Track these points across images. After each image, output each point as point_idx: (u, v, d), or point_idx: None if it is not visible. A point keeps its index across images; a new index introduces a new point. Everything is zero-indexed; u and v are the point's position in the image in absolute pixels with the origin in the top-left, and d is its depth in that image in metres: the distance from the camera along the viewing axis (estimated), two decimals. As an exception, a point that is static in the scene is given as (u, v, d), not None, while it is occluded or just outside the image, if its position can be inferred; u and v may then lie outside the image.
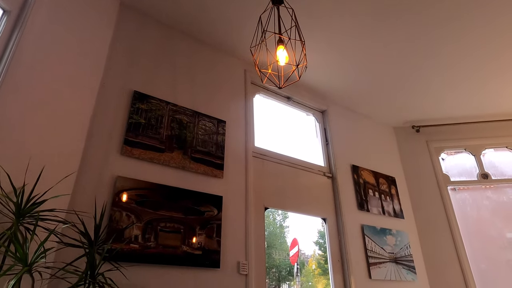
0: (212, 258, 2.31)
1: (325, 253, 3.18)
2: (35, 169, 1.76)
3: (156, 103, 2.56)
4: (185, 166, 2.48)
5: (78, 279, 1.51)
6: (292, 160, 3.25)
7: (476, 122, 4.21)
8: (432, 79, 3.53)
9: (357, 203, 3.43)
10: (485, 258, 3.71)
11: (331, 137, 3.63)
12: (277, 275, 3.44)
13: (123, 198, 2.12)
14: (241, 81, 3.20)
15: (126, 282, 1.94)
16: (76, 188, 1.96)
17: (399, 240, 3.53)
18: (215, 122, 2.81)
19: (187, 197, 2.39)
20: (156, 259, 2.09)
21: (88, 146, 2.11)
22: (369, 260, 3.18)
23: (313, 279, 3.46)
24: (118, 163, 2.20)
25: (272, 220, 3.44)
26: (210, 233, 2.38)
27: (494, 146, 4.20)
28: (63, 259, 1.75)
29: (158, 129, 2.49)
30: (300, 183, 3.19)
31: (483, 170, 4.08)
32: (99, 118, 2.24)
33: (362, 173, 3.65)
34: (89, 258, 1.52)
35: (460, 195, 4.04)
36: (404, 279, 3.33)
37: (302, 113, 3.76)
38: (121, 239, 2.01)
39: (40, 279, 1.54)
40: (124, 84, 2.46)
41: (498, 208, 3.92)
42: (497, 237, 3.79)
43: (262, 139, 3.18)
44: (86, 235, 1.60)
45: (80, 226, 1.83)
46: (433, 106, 3.99)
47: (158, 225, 2.20)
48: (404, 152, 4.25)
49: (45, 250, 1.39)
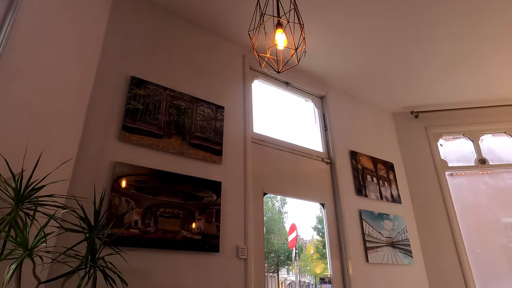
0: (211, 243, 2.34)
1: (323, 238, 3.21)
2: (33, 154, 1.76)
3: (154, 88, 2.54)
4: (184, 152, 2.48)
5: (79, 263, 1.52)
6: (291, 146, 3.25)
7: (475, 108, 4.20)
8: (432, 64, 3.50)
9: (355, 188, 3.45)
10: (480, 242, 3.77)
11: (330, 123, 3.62)
12: (275, 260, 3.49)
13: (122, 183, 2.12)
14: (240, 67, 3.17)
15: (126, 266, 1.96)
16: (75, 174, 1.96)
17: (396, 224, 3.57)
18: (214, 108, 2.80)
19: (186, 182, 2.39)
20: (156, 244, 2.11)
21: (86, 132, 2.10)
22: (367, 244, 3.22)
23: (311, 264, 3.51)
24: (116, 149, 2.20)
25: (271, 206, 3.47)
26: (209, 218, 2.40)
27: (492, 131, 4.21)
28: (63, 244, 1.76)
29: (156, 115, 2.47)
30: (298, 169, 3.20)
31: (481, 156, 4.10)
32: (96, 103, 2.22)
33: (360, 159, 3.66)
34: (90, 242, 1.54)
35: (458, 180, 4.06)
36: (400, 262, 3.38)
37: (301, 99, 3.74)
38: (121, 224, 2.02)
39: (41, 263, 1.55)
40: (121, 69, 2.44)
41: (494, 193, 3.95)
42: (492, 221, 3.83)
43: (261, 125, 3.17)
44: (85, 220, 1.61)
45: (79, 212, 1.84)
46: (432, 92, 3.98)
47: (157, 211, 2.21)
48: (403, 138, 4.26)
49: (45, 234, 1.39)
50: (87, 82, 2.13)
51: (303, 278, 3.47)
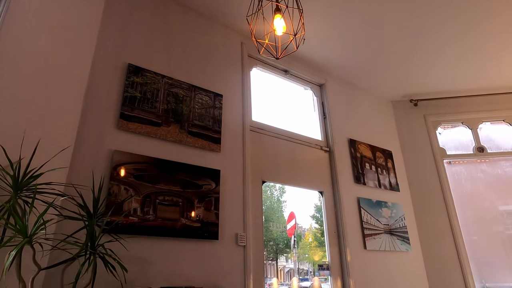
0: (210, 230, 2.35)
1: (321, 226, 3.23)
2: (31, 143, 1.75)
3: (151, 76, 2.51)
4: (182, 140, 2.47)
5: (79, 250, 1.53)
6: (290, 134, 3.25)
7: (474, 96, 4.19)
8: (431, 52, 3.47)
9: (353, 176, 3.46)
10: (477, 230, 3.80)
11: (329, 111, 3.61)
12: (274, 248, 3.52)
13: (120, 172, 2.12)
14: (238, 54, 3.13)
15: (126, 254, 1.98)
16: (73, 162, 1.96)
17: (394, 212, 3.59)
18: (212, 96, 2.78)
19: (185, 171, 2.39)
20: (156, 232, 2.13)
21: (83, 120, 2.09)
22: (365, 231, 3.25)
23: (309, 252, 3.54)
24: (114, 137, 2.19)
25: (270, 195, 3.48)
26: (208, 206, 2.41)
27: (491, 119, 4.20)
28: (63, 231, 1.77)
29: (154, 103, 2.45)
30: (297, 157, 3.20)
31: (479, 144, 4.10)
32: (93, 91, 2.20)
33: (359, 147, 3.66)
34: (89, 230, 1.54)
35: (456, 168, 4.08)
36: (398, 249, 3.42)
37: (300, 87, 3.72)
38: (120, 212, 2.03)
39: (41, 250, 1.56)
40: (118, 56, 2.41)
41: (492, 181, 3.97)
42: (489, 209, 3.86)
43: (259, 113, 3.16)
44: (84, 208, 1.61)
45: (78, 199, 1.84)
46: (432, 80, 3.96)
47: (156, 199, 2.21)
48: (402, 126, 4.26)
49: (44, 222, 1.40)
50: (83, 70, 2.11)
51: (301, 266, 3.50)
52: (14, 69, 1.81)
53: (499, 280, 3.67)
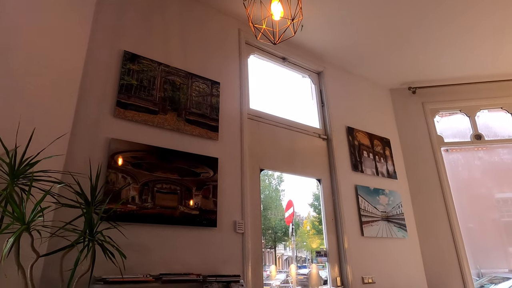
0: (209, 218, 2.36)
1: (319, 214, 3.25)
2: (26, 131, 1.73)
3: (148, 63, 2.48)
4: (180, 128, 2.46)
5: (78, 237, 1.53)
6: (288, 122, 3.24)
7: (473, 83, 4.18)
8: (430, 40, 3.44)
9: (351, 164, 3.47)
10: (473, 217, 3.84)
11: (327, 99, 3.60)
12: (273, 236, 3.54)
13: (118, 160, 2.11)
14: (235, 41, 3.10)
15: (125, 241, 1.98)
16: (70, 150, 1.95)
17: (392, 199, 3.62)
18: (209, 83, 2.76)
19: (182, 159, 2.39)
20: (154, 219, 2.13)
21: (79, 108, 2.07)
22: (362, 218, 3.28)
23: (307, 240, 3.57)
24: (111, 125, 2.17)
25: (268, 184, 3.49)
26: (206, 194, 2.41)
27: (489, 107, 4.20)
28: (61, 219, 1.77)
29: (151, 91, 2.43)
30: (295, 145, 3.20)
31: (477, 131, 4.11)
32: (89, 79, 2.18)
33: (357, 135, 3.66)
34: (87, 217, 1.54)
35: (453, 156, 4.09)
36: (395, 236, 3.45)
37: (298, 74, 3.69)
38: (118, 200, 2.03)
39: (39, 238, 1.56)
40: (114, 44, 2.37)
41: (489, 168, 3.99)
42: (485, 197, 3.89)
43: (257, 101, 3.14)
44: (82, 195, 1.61)
45: (75, 187, 1.83)
46: (430, 67, 3.94)
47: (154, 187, 2.21)
48: (400, 114, 4.25)
49: (42, 209, 1.39)
50: (78, 57, 2.08)
51: (299, 254, 3.54)
52: (8, 57, 1.78)
53: (494, 266, 3.72)
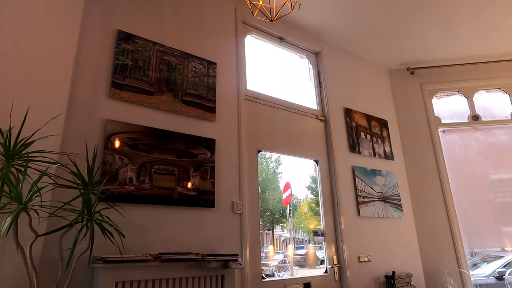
0: (206, 199, 2.37)
1: (316, 196, 3.28)
2: (20, 112, 1.71)
3: (142, 43, 2.44)
4: (177, 109, 2.44)
5: (76, 216, 1.54)
6: (285, 103, 3.21)
7: (471, 64, 4.15)
8: (429, 20, 3.39)
9: (348, 145, 3.47)
10: (468, 197, 3.89)
11: (325, 80, 3.57)
12: (271, 218, 3.58)
13: (114, 141, 2.10)
14: (232, 20, 3.03)
15: (123, 221, 2.00)
16: (66, 131, 1.93)
17: (388, 180, 3.65)
18: (206, 63, 2.72)
19: (180, 140, 2.38)
20: (152, 200, 2.14)
21: (74, 88, 2.04)
22: (359, 199, 3.31)
23: (304, 221, 3.61)
24: (106, 106, 2.15)
25: (266, 167, 3.49)
26: (204, 175, 2.41)
27: (487, 87, 4.19)
28: (59, 200, 1.77)
29: (146, 71, 2.40)
30: (293, 126, 3.19)
31: (474, 112, 4.11)
32: (83, 59, 2.14)
33: (354, 116, 3.65)
34: (85, 197, 1.54)
35: (450, 137, 4.11)
36: (391, 216, 3.50)
37: (296, 55, 3.64)
38: (115, 181, 2.03)
39: (37, 218, 1.56)
40: (107, 22, 2.32)
41: (485, 149, 4.02)
42: (481, 177, 3.93)
43: (254, 82, 3.10)
44: (79, 176, 1.61)
45: (72, 168, 1.83)
46: (429, 48, 3.89)
47: (152, 168, 2.21)
48: (398, 95, 4.23)
49: (38, 189, 1.39)
50: (71, 36, 2.03)
51: (297, 235, 3.58)
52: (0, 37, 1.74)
53: (487, 246, 3.80)
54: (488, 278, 3.71)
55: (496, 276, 3.68)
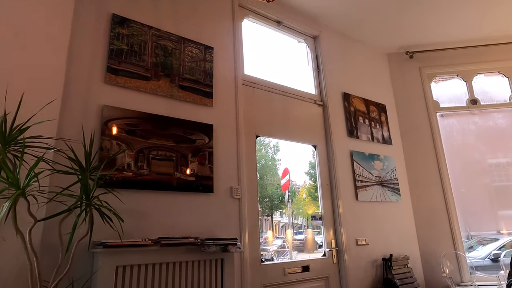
0: (205, 184, 2.38)
1: (315, 182, 3.29)
2: (14, 98, 1.69)
3: (138, 27, 2.39)
4: (173, 95, 2.42)
5: (75, 201, 1.54)
6: (283, 88, 3.19)
7: (470, 47, 4.11)
8: (428, 3, 3.34)
9: (347, 130, 3.47)
10: (466, 182, 3.91)
11: (323, 64, 3.53)
12: (269, 204, 3.61)
13: (111, 127, 2.09)
14: (228, 3, 2.98)
15: (123, 207, 2.00)
16: (62, 117, 1.91)
17: (386, 164, 3.66)
18: (202, 48, 2.68)
19: (177, 125, 2.36)
20: (151, 186, 2.14)
21: (69, 73, 2.01)
22: (357, 183, 3.33)
23: (303, 207, 3.64)
24: (103, 92, 2.13)
25: (265, 153, 3.50)
26: (202, 160, 2.41)
27: (486, 71, 4.16)
28: (57, 186, 1.77)
29: (142, 56, 2.36)
30: (291, 111, 3.17)
31: (473, 96, 4.10)
32: (77, 43, 2.10)
33: (353, 101, 3.64)
34: (83, 182, 1.54)
35: (448, 121, 4.10)
36: (389, 200, 3.53)
37: (293, 39, 3.59)
38: (113, 167, 2.02)
39: (35, 203, 1.56)
40: (101, 6, 2.27)
41: (483, 133, 4.02)
42: (478, 162, 3.94)
43: (252, 67, 3.07)
44: (76, 162, 1.60)
45: (69, 153, 1.82)
46: (429, 31, 3.85)
47: (150, 154, 2.21)
48: (396, 79, 4.20)
49: (36, 174, 1.39)
50: (65, 20, 1.99)
51: (296, 220, 3.62)
52: (-10, 18, 1.70)
53: (482, 229, 3.85)
54: (483, 260, 3.77)
55: (492, 258, 3.74)
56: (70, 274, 1.73)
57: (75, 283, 1.73)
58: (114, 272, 1.76)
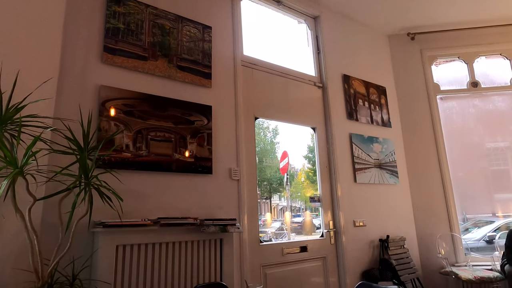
0: (204, 165, 2.38)
1: (313, 166, 3.30)
2: (10, 77, 1.66)
3: (134, 5, 2.34)
4: (172, 75, 2.39)
5: (74, 181, 1.54)
6: (283, 69, 3.15)
7: (473, 28, 4.04)
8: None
9: (346, 112, 3.45)
10: (463, 165, 3.92)
11: (323, 46, 3.48)
12: (268, 187, 3.63)
13: (109, 107, 2.07)
14: (227, -18, 2.90)
15: (122, 187, 2.00)
16: (59, 97, 1.89)
17: (385, 147, 3.66)
18: (200, 27, 2.63)
19: (175, 106, 2.34)
20: (150, 167, 2.14)
21: (65, 52, 1.97)
22: (355, 166, 3.33)
23: (301, 190, 3.67)
24: (100, 72, 2.10)
25: (263, 137, 3.49)
26: (201, 142, 2.40)
27: (488, 53, 4.11)
28: (56, 165, 1.76)
29: (139, 35, 2.32)
30: (290, 93, 3.14)
31: (474, 79, 4.06)
32: (73, 21, 2.05)
33: (353, 83, 3.60)
34: (81, 162, 1.53)
35: (448, 104, 4.08)
36: (387, 182, 3.55)
37: (294, 20, 3.52)
38: (111, 148, 2.01)
39: (34, 182, 1.56)
40: (96, -17, 2.21)
41: (483, 116, 4.01)
42: (477, 146, 3.94)
43: (251, 47, 3.02)
44: (74, 141, 1.59)
45: (66, 133, 1.80)
46: (431, 11, 3.77)
47: (148, 135, 2.19)
48: (397, 61, 4.15)
49: (33, 153, 1.38)
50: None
51: (294, 204, 3.65)
52: (-19, -7, 1.65)
53: (478, 212, 3.89)
54: (478, 242, 3.83)
55: (486, 240, 3.80)
56: (71, 253, 1.75)
57: (76, 262, 1.75)
58: (114, 251, 1.78)
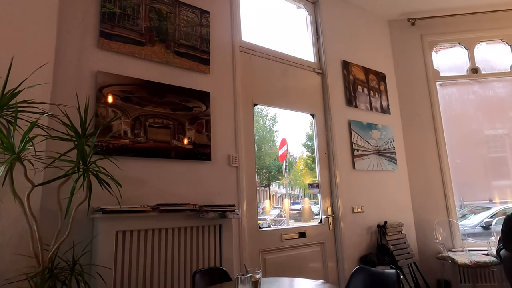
0: (202, 152, 2.37)
1: (312, 153, 3.30)
2: (4, 63, 1.64)
3: (130, -11, 2.29)
4: (169, 61, 2.36)
5: (72, 167, 1.53)
6: (281, 55, 3.12)
7: (474, 13, 3.99)
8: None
9: (345, 99, 3.43)
10: (462, 152, 3.93)
11: (323, 31, 3.43)
12: (267, 175, 3.63)
13: (106, 94, 2.05)
14: (224, -35, 2.84)
15: (121, 173, 2.00)
16: (55, 83, 1.87)
17: (384, 134, 3.66)
18: (198, 12, 2.58)
19: (173, 93, 2.32)
20: (148, 153, 2.13)
21: (60, 37, 1.94)
22: (354, 152, 3.33)
23: (300, 178, 3.67)
24: (96, 57, 2.07)
25: (262, 125, 3.48)
26: (199, 128, 2.39)
27: (489, 39, 4.07)
28: (54, 152, 1.75)
29: (136, 20, 2.28)
30: (289, 80, 3.12)
31: (474, 65, 4.03)
32: (68, 5, 2.01)
33: (352, 69, 3.57)
34: (79, 148, 1.52)
35: (447, 90, 4.06)
36: (385, 168, 3.56)
37: (292, 5, 3.47)
38: (109, 134, 2.00)
39: (32, 168, 1.56)
40: (90, -35, 2.16)
41: (482, 103, 3.99)
42: (476, 132, 3.94)
43: (249, 33, 2.98)
44: (72, 127, 1.57)
45: (64, 119, 1.79)
46: (432, -4, 3.72)
47: (146, 121, 2.18)
48: (397, 47, 4.11)
49: (30, 138, 1.37)
50: (53, -20, 1.89)
51: (293, 191, 3.66)
52: (-27, -24, 1.61)
53: (476, 198, 3.92)
54: (475, 227, 3.87)
55: (483, 226, 3.84)
56: (71, 239, 1.76)
57: (76, 247, 1.76)
58: (114, 237, 1.79)
